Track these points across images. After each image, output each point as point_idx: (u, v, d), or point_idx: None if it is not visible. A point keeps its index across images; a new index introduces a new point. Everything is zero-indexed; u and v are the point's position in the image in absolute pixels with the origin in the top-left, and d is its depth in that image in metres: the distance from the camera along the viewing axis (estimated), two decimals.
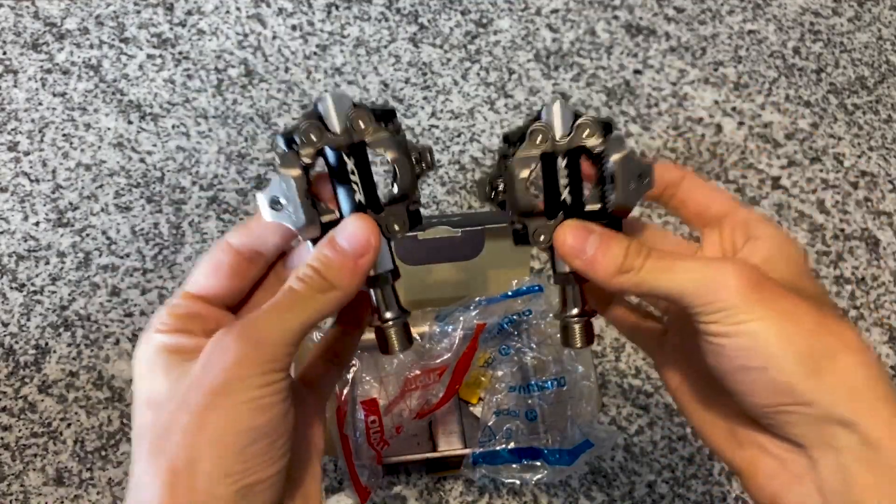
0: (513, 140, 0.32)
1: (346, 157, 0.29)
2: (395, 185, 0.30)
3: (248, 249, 0.31)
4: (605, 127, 0.31)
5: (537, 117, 0.32)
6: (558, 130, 0.31)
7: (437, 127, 0.70)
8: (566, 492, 0.55)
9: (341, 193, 0.30)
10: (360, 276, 0.29)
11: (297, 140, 0.29)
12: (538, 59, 0.74)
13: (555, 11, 0.78)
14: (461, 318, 0.53)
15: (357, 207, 0.30)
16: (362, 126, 0.29)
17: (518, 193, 0.31)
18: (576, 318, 0.33)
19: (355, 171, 0.29)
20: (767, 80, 0.75)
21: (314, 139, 0.29)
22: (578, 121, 0.31)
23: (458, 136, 0.69)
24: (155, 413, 0.29)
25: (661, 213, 0.66)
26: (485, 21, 0.76)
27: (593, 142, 0.31)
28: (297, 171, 0.29)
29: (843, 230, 0.67)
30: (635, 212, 0.34)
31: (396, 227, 0.30)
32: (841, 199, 0.69)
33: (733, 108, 0.73)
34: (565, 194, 0.32)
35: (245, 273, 0.32)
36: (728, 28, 0.78)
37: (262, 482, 0.28)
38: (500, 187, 0.33)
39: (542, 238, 0.32)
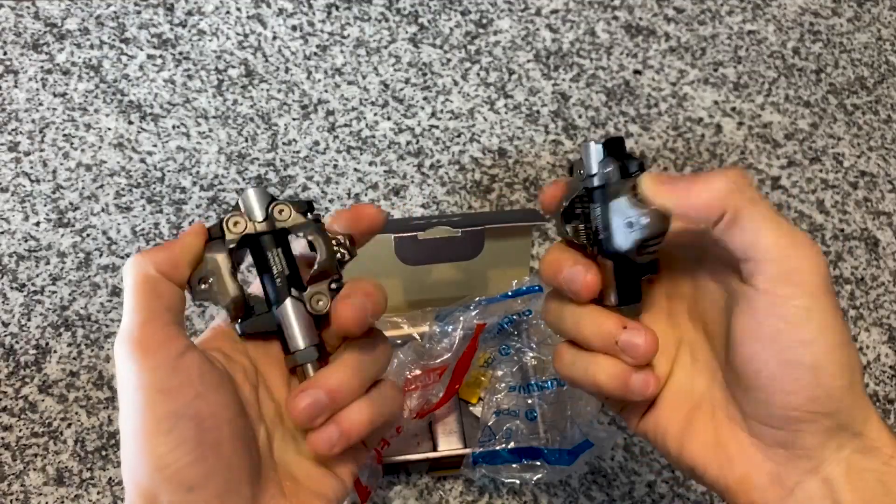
0: (587, 174, 0.32)
1: (268, 242, 0.33)
2: (317, 265, 0.33)
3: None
4: (638, 164, 0.32)
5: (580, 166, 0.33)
6: (594, 168, 0.32)
7: (437, 127, 0.70)
8: (566, 492, 0.55)
9: (266, 279, 0.33)
10: (171, 249, 0.31)
11: (225, 227, 0.32)
12: (538, 59, 0.75)
13: (555, 12, 0.78)
14: (461, 318, 0.53)
15: (279, 286, 0.33)
16: (283, 215, 0.33)
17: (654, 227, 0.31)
18: None
19: (277, 255, 0.33)
20: (767, 81, 0.75)
21: (240, 225, 0.33)
22: (607, 163, 0.32)
23: (458, 136, 0.69)
24: None
25: None
26: (485, 21, 0.76)
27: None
28: (222, 253, 0.32)
29: (842, 230, 0.68)
30: None
31: (320, 303, 0.33)
32: (840, 200, 0.69)
33: (733, 109, 0.73)
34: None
35: None
36: (728, 28, 0.78)
37: (204, 473, 0.28)
38: (594, 224, 0.32)
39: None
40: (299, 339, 0.33)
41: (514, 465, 0.52)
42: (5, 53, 0.70)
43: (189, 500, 0.27)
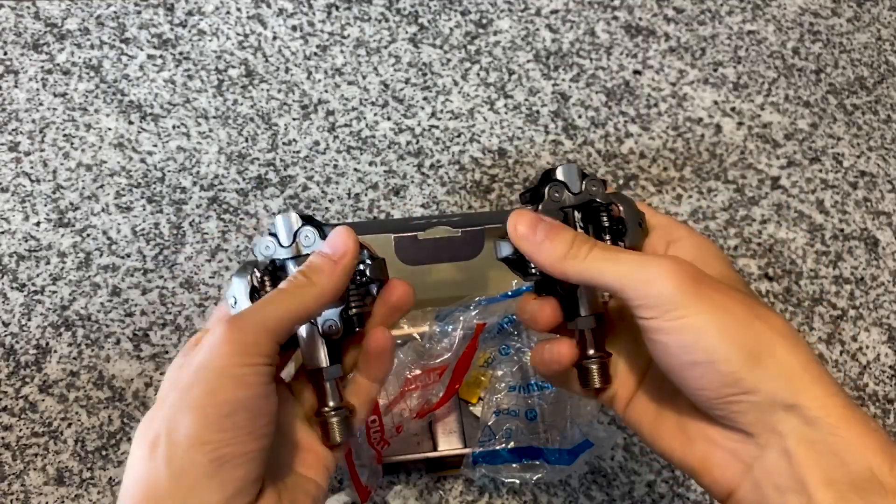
0: (528, 199, 0.37)
1: (290, 266, 0.35)
2: None
3: None
4: (604, 184, 0.37)
5: (546, 179, 0.37)
6: (573, 187, 0.36)
7: (437, 127, 0.70)
8: (566, 491, 0.55)
9: None
10: (339, 275, 0.33)
11: (257, 250, 0.36)
12: (538, 59, 0.75)
13: (555, 12, 0.78)
14: (461, 318, 0.53)
15: None
16: (307, 240, 0.36)
17: None
18: (594, 360, 0.36)
19: None
20: (767, 81, 0.75)
21: (270, 249, 0.36)
22: (586, 179, 0.36)
23: (458, 136, 0.69)
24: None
25: None
26: (485, 21, 0.76)
27: (600, 196, 0.36)
28: (246, 276, 0.35)
29: (842, 230, 0.68)
30: None
31: (332, 328, 0.35)
32: (840, 200, 0.69)
33: (733, 109, 0.73)
34: None
35: None
36: (727, 28, 0.78)
37: (238, 455, 0.29)
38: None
39: (567, 285, 0.36)
40: (314, 357, 0.35)
41: (514, 465, 0.52)
42: (5, 53, 0.70)
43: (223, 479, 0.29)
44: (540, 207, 0.36)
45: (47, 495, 0.52)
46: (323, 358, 0.35)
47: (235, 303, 0.35)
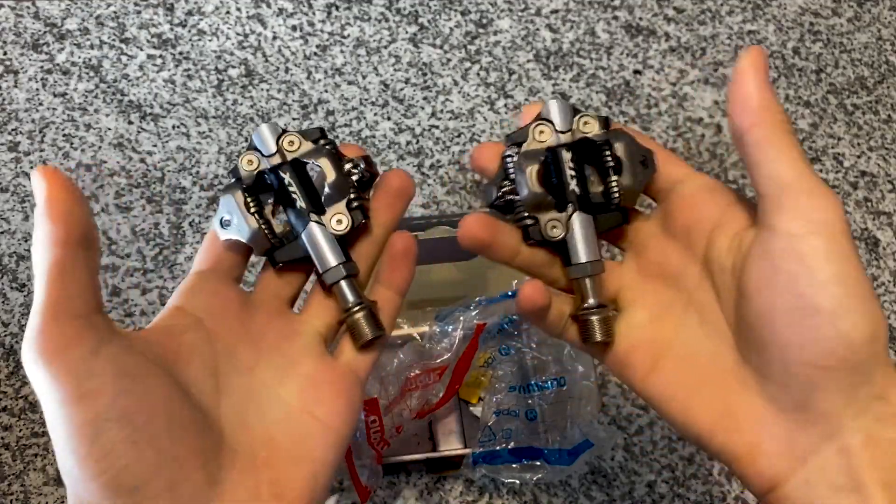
0: (516, 140, 0.33)
1: (282, 174, 0.33)
2: (326, 186, 0.33)
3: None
4: (605, 121, 0.33)
5: (537, 117, 0.33)
6: (560, 125, 0.33)
7: (437, 127, 0.70)
8: (566, 491, 0.55)
9: (289, 210, 0.33)
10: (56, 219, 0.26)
11: (240, 167, 0.33)
12: (538, 59, 0.75)
13: (555, 12, 0.78)
14: (461, 318, 0.53)
15: (300, 213, 0.33)
16: (293, 146, 0.33)
17: (529, 187, 0.32)
18: (594, 311, 0.32)
19: (293, 183, 0.33)
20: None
21: (253, 163, 0.33)
22: (578, 115, 0.33)
23: (458, 136, 0.69)
24: None
25: None
26: (485, 21, 0.76)
27: (595, 132, 0.32)
28: (237, 191, 0.32)
29: None
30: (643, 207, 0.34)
31: (341, 223, 0.33)
32: (840, 199, 0.69)
33: None
34: (573, 185, 0.32)
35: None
36: (728, 28, 0.78)
37: (145, 471, 0.26)
38: (506, 188, 0.33)
39: (555, 229, 0.33)
40: (327, 259, 0.33)
41: (514, 465, 0.52)
42: (5, 53, 0.70)
43: (136, 500, 0.26)
44: (522, 148, 0.33)
45: (47, 495, 0.52)
46: (339, 254, 0.33)
47: (229, 223, 0.32)
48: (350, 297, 0.33)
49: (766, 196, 0.28)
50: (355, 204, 0.33)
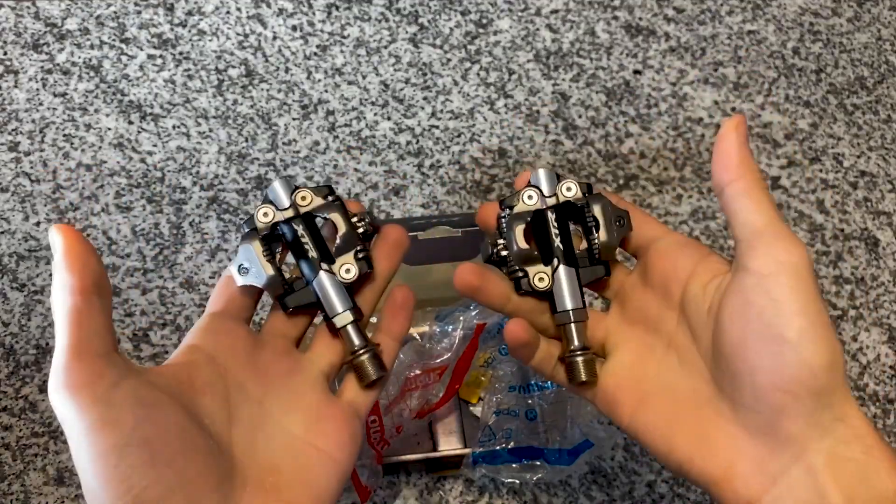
0: (508, 204, 0.38)
1: (295, 226, 0.36)
2: (338, 239, 0.36)
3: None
4: (587, 186, 0.37)
5: (527, 184, 0.38)
6: (546, 190, 0.37)
7: (437, 127, 0.70)
8: (566, 491, 0.55)
9: (300, 258, 0.36)
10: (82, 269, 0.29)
11: (256, 219, 0.36)
12: (538, 59, 0.75)
13: (555, 12, 0.78)
14: (461, 318, 0.53)
15: (311, 262, 0.36)
16: (305, 201, 0.36)
17: (518, 244, 0.37)
18: (579, 354, 0.36)
19: (305, 235, 0.36)
20: (767, 81, 0.75)
21: (269, 216, 0.36)
22: (561, 181, 0.37)
23: (458, 136, 0.69)
24: None
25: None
26: (485, 21, 0.76)
27: (577, 196, 0.37)
28: (255, 241, 0.35)
29: (842, 230, 0.68)
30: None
31: (349, 272, 0.36)
32: (840, 200, 0.69)
33: (733, 109, 0.73)
34: (557, 242, 0.37)
35: None
36: (728, 28, 0.78)
37: (165, 491, 0.28)
38: (501, 245, 0.37)
39: (541, 281, 0.37)
40: (335, 304, 0.36)
41: (514, 465, 0.52)
42: (5, 53, 0.70)
43: None
44: (512, 211, 0.37)
45: (47, 495, 0.52)
46: (347, 300, 0.36)
47: (247, 271, 0.35)
48: (356, 340, 0.36)
49: (741, 240, 0.32)
50: (361, 255, 0.36)
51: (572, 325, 0.36)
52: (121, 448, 0.28)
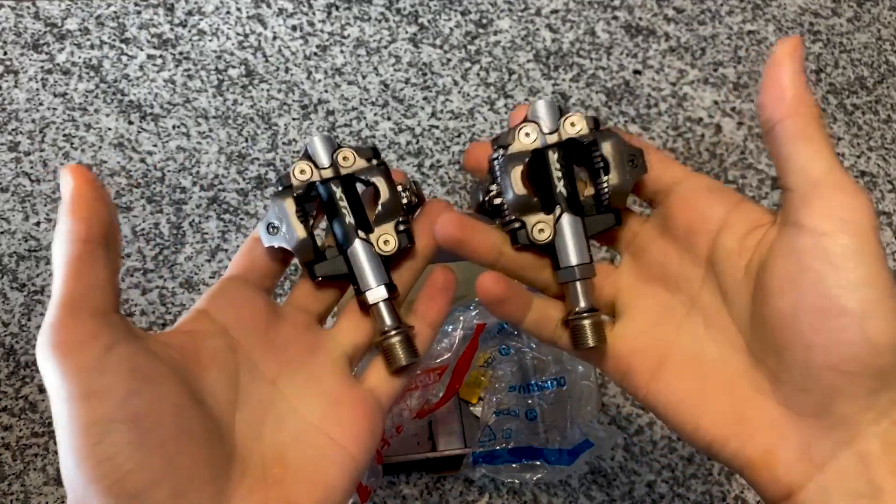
0: (502, 143, 0.32)
1: (333, 188, 0.33)
2: (380, 206, 0.33)
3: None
4: (594, 121, 0.32)
5: (524, 119, 0.32)
6: (547, 126, 0.32)
7: (437, 127, 0.70)
8: (566, 491, 0.55)
9: (335, 224, 0.33)
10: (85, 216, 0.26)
11: (292, 175, 0.32)
12: (538, 59, 0.75)
13: (555, 12, 0.78)
14: (461, 318, 0.53)
15: (347, 229, 0.32)
16: (347, 161, 0.33)
17: (514, 189, 0.31)
18: (585, 315, 0.32)
19: (343, 198, 0.33)
20: None
21: (306, 173, 0.33)
22: (565, 115, 0.32)
23: (458, 136, 0.69)
24: None
25: None
26: (485, 21, 0.76)
27: (583, 132, 0.32)
28: (289, 199, 0.32)
29: None
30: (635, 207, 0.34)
31: (388, 244, 0.33)
32: (871, 198, 0.69)
33: (733, 109, 0.73)
34: (560, 187, 0.32)
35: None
36: (728, 28, 0.78)
37: (151, 480, 0.25)
38: (494, 191, 0.32)
39: (542, 232, 0.32)
40: (370, 278, 0.32)
41: (514, 465, 0.52)
42: (5, 53, 0.70)
43: None
44: (507, 151, 0.32)
45: (47, 495, 0.52)
46: (382, 274, 0.32)
47: (277, 230, 0.32)
48: (389, 319, 0.32)
49: (794, 191, 0.27)
50: (402, 227, 0.33)
51: (577, 284, 0.32)
52: (106, 423, 0.24)
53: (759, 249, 0.29)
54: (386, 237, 0.33)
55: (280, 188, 0.32)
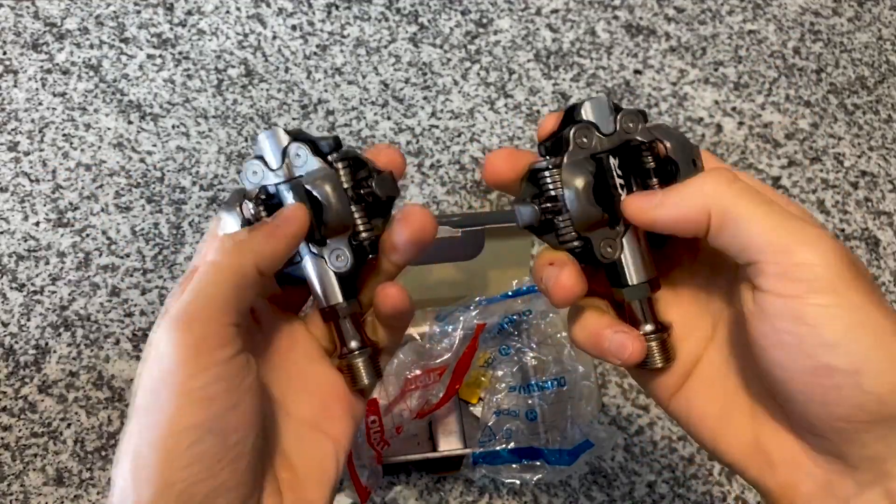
0: (549, 149, 0.29)
1: (284, 193, 0.30)
2: (325, 216, 0.29)
3: None
4: (643, 116, 0.29)
5: (569, 119, 0.29)
6: (604, 127, 0.29)
7: (437, 127, 0.70)
8: (566, 492, 0.55)
9: None
10: (279, 242, 0.28)
11: (244, 177, 0.30)
12: (538, 59, 0.74)
13: (555, 11, 0.78)
14: (461, 318, 0.53)
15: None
16: (299, 159, 0.30)
17: (582, 204, 0.28)
18: (653, 336, 0.29)
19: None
20: (767, 80, 0.75)
21: (258, 175, 0.30)
22: (621, 114, 0.29)
23: (458, 136, 0.69)
24: None
25: None
26: (485, 21, 0.76)
27: (641, 132, 0.29)
28: (236, 209, 0.30)
29: (843, 230, 0.67)
30: None
31: (340, 259, 0.30)
32: (841, 199, 0.69)
33: (733, 108, 0.73)
34: (624, 196, 0.28)
35: None
36: (728, 28, 0.78)
37: (209, 492, 0.25)
38: (549, 207, 0.29)
39: (609, 249, 0.29)
40: (321, 296, 0.30)
41: (514, 465, 0.52)
42: (5, 53, 0.70)
43: None
44: (566, 159, 0.28)
45: (47, 495, 0.52)
46: (335, 294, 0.30)
47: None
48: (348, 339, 0.30)
49: (747, 264, 0.26)
50: (364, 234, 0.30)
51: (645, 301, 0.29)
52: (203, 432, 0.24)
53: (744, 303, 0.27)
54: (337, 252, 0.30)
55: (236, 189, 0.31)
